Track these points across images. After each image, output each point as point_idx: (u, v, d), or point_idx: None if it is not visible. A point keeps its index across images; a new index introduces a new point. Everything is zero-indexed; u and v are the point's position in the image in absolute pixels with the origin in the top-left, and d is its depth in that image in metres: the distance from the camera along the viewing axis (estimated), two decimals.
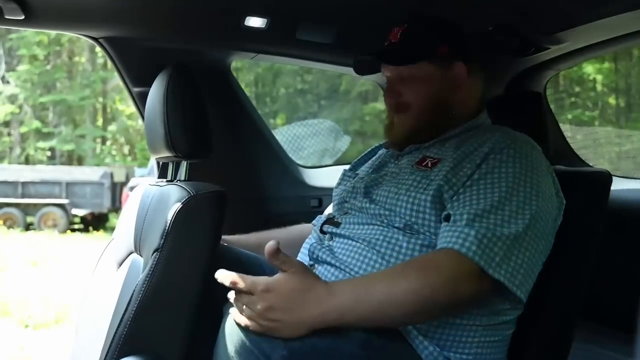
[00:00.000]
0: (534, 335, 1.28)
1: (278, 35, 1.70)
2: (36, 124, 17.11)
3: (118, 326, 1.20)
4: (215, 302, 1.21)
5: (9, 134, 18.02)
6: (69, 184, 12.44)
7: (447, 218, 1.17)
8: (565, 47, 1.70)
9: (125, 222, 1.58)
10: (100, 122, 19.10)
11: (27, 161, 17.26)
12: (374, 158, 1.53)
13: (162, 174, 1.70)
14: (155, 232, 1.25)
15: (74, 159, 18.27)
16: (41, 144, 17.37)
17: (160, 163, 1.73)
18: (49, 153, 17.92)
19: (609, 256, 1.49)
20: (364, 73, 1.56)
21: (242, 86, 2.02)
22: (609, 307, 1.77)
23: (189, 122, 1.37)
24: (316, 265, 1.32)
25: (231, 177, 1.91)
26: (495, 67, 1.87)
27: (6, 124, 17.70)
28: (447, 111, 1.36)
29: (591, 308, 1.46)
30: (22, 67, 16.86)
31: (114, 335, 1.19)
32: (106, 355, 1.19)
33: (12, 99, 16.90)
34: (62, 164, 17.13)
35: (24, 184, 12.32)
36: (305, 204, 2.01)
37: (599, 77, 10.15)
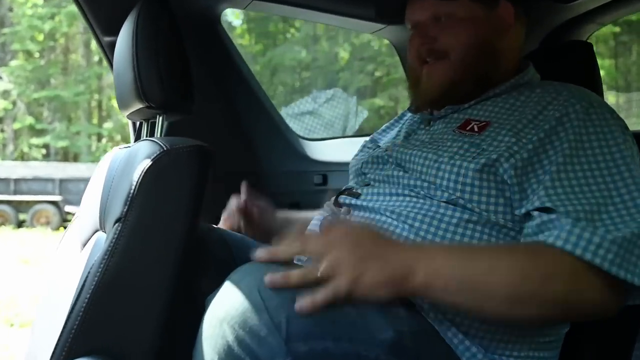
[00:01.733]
0: (591, 335, 1.07)
1: None
2: (30, 120, 16.84)
3: (67, 319, 0.92)
4: (197, 292, 0.94)
5: (2, 131, 17.73)
6: (62, 181, 12.25)
7: (541, 207, 0.91)
8: None
9: (90, 196, 1.30)
10: (95, 119, 18.80)
11: (22, 158, 16.97)
12: (398, 127, 1.27)
13: (138, 136, 1.41)
14: (119, 199, 0.97)
15: (69, 156, 18.00)
16: (35, 141, 17.11)
17: (136, 125, 1.45)
18: (43, 150, 17.65)
19: None
20: (388, 17, 1.29)
21: None
22: None
23: (163, 65, 1.09)
24: None
25: (222, 148, 1.63)
26: (531, 17, 1.60)
27: None
28: (492, 62, 1.11)
29: None
30: (16, 63, 16.59)
31: (62, 331, 0.91)
32: (52, 355, 0.90)
33: (5, 95, 16.62)
34: (57, 161, 16.85)
35: (16, 180, 12.13)
36: (308, 180, 1.73)
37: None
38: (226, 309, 0.77)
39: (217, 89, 1.63)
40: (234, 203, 1.36)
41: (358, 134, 2.22)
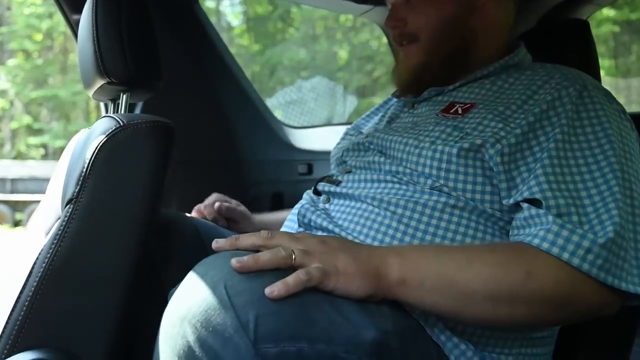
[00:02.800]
0: (586, 331, 1.01)
1: None
2: (27, 119, 16.77)
3: (13, 309, 0.84)
4: (164, 285, 0.87)
5: None
6: None
7: (533, 201, 0.84)
8: None
9: (54, 181, 1.22)
10: (94, 118, 18.74)
11: (20, 157, 16.90)
12: (382, 112, 1.21)
13: None
14: (74, 179, 0.90)
15: None
16: (33, 140, 17.03)
17: (103, 107, 1.37)
18: (42, 150, 17.58)
19: None
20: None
21: None
22: None
23: (125, 38, 1.01)
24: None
25: (203, 136, 1.56)
26: None
27: None
28: (466, 41, 1.05)
29: None
30: (13, 62, 16.52)
31: (7, 322, 0.83)
32: None
33: (2, 94, 16.56)
34: (55, 160, 16.79)
35: (13, 180, 12.08)
36: (292, 169, 1.65)
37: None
38: (188, 305, 0.68)
39: (193, 76, 1.56)
40: (213, 198, 1.31)
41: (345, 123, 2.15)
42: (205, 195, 1.51)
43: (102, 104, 1.40)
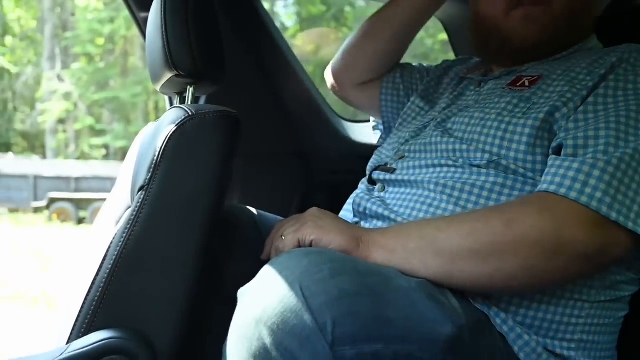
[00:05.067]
0: None
1: None
2: (90, 121, 17.41)
3: (89, 292, 0.88)
4: (225, 274, 0.94)
5: (64, 131, 18.39)
6: None
7: (558, 150, 0.83)
8: None
9: (123, 173, 1.27)
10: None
11: (83, 157, 17.56)
12: (451, 89, 1.17)
13: None
14: (145, 167, 0.93)
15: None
16: (95, 141, 17.67)
17: (167, 100, 1.41)
18: (103, 150, 18.21)
19: None
20: None
21: None
22: None
23: (192, 32, 1.04)
24: (362, 223, 0.99)
25: (262, 130, 1.59)
26: None
27: (61, 121, 18.07)
28: (582, 18, 1.02)
29: None
30: (77, 65, 17.19)
31: (83, 304, 0.87)
32: (72, 328, 0.87)
33: (67, 97, 17.24)
34: (116, 160, 17.37)
35: (77, 179, 12.52)
36: (351, 162, 1.65)
37: None
38: (263, 307, 0.68)
39: (257, 69, 1.58)
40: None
41: None
42: (265, 187, 1.53)
43: (166, 100, 1.44)
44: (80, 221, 12.18)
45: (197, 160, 0.90)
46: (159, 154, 0.88)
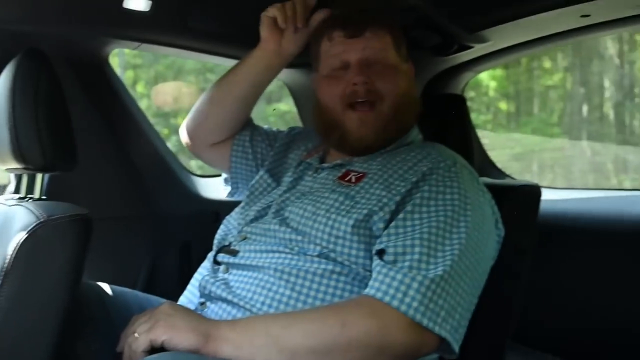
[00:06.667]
0: None
1: (165, 20, 1.41)
2: None
3: None
4: (70, 355, 0.98)
5: None
6: None
7: (381, 253, 0.97)
8: (488, 47, 1.55)
9: None
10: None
11: None
12: (292, 170, 1.27)
13: (18, 187, 1.36)
14: None
15: None
16: None
17: (14, 175, 1.39)
18: None
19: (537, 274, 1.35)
20: None
21: (142, 85, 1.71)
22: (537, 329, 1.65)
23: (43, 125, 1.06)
24: (208, 303, 1.08)
25: (108, 191, 1.59)
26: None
27: None
28: (409, 113, 1.18)
29: (521, 330, 1.32)
30: None
31: None
32: None
33: None
34: None
35: None
36: (204, 221, 1.72)
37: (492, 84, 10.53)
38: None
39: (104, 132, 1.59)
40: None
41: None
42: (113, 254, 1.53)
43: (11, 177, 1.40)
44: None
45: (50, 265, 0.94)
46: (10, 262, 0.91)
